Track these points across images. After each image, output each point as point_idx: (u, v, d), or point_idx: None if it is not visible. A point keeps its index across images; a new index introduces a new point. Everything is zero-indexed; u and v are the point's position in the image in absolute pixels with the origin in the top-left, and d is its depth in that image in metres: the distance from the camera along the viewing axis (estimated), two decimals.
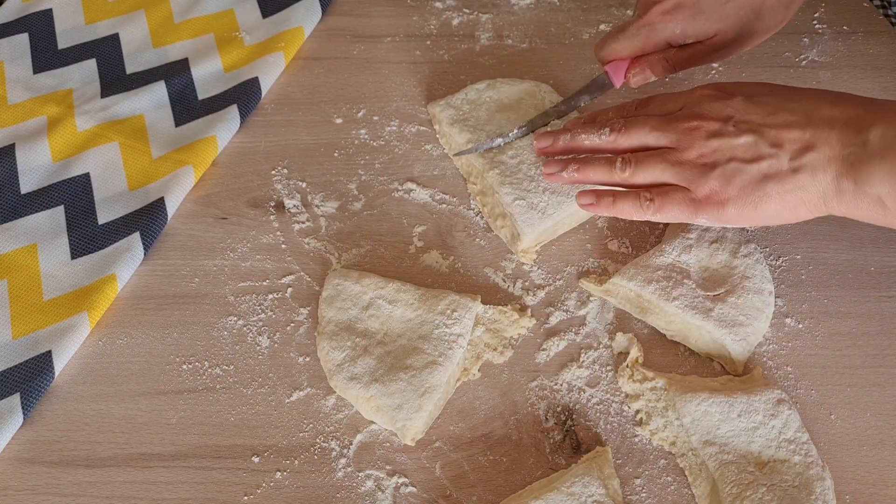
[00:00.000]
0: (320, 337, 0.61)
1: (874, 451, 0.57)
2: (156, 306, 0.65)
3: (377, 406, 0.57)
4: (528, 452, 0.58)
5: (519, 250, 0.66)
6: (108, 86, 0.78)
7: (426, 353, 0.59)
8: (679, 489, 0.56)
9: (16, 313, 0.64)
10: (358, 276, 0.63)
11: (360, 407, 0.59)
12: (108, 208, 0.70)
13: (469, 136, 0.70)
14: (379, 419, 0.58)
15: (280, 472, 0.57)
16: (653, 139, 0.59)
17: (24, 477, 0.57)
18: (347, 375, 0.59)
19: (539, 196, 0.65)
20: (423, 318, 0.61)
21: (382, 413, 0.57)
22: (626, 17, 0.82)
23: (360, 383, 0.58)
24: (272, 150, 0.74)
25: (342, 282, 0.63)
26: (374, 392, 0.58)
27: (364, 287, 0.62)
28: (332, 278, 0.63)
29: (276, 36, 0.81)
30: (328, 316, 0.62)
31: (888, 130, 0.52)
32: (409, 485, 0.57)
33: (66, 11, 0.84)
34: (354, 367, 0.59)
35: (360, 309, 0.62)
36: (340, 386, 0.59)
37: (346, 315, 0.62)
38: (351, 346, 0.60)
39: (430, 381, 0.58)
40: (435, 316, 0.61)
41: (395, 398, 0.57)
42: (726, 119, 0.56)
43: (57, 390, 0.61)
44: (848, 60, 0.78)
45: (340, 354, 0.60)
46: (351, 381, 0.58)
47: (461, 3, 0.85)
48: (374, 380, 0.58)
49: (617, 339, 0.62)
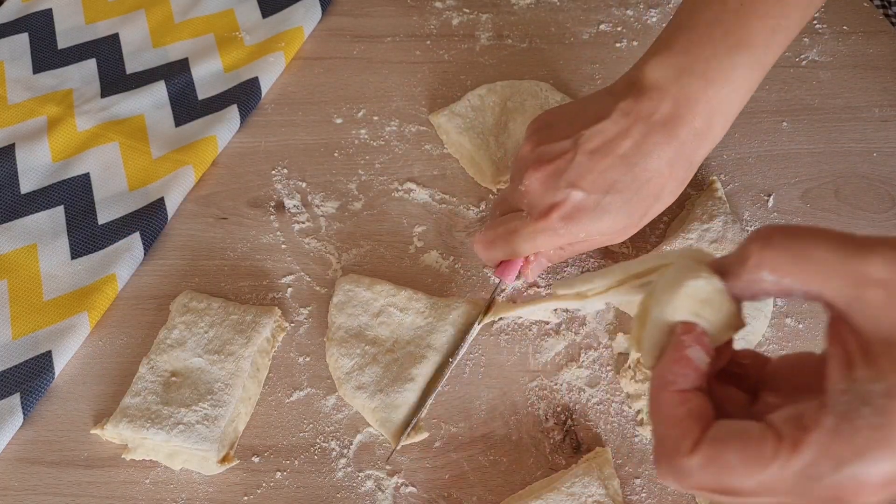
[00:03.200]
0: (330, 343, 0.61)
1: None
2: (156, 306, 0.65)
3: (381, 419, 0.57)
4: (528, 452, 0.58)
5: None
6: (108, 86, 0.78)
7: (432, 364, 0.59)
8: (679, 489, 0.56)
9: (16, 313, 0.64)
10: (369, 283, 0.62)
11: (366, 417, 0.58)
12: (108, 208, 0.70)
13: (479, 141, 0.71)
14: (384, 432, 0.58)
15: (280, 472, 0.57)
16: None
17: (24, 477, 0.57)
18: (355, 384, 0.58)
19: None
20: (433, 325, 0.61)
21: (386, 429, 0.57)
22: (625, 16, 0.82)
23: (366, 393, 0.58)
24: (272, 150, 0.74)
25: (353, 288, 0.62)
26: (378, 404, 0.57)
27: (375, 294, 0.62)
28: (343, 283, 0.63)
29: (276, 36, 0.81)
30: (338, 322, 0.61)
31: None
32: (409, 485, 0.57)
33: (66, 11, 0.84)
34: (362, 375, 0.58)
35: (370, 316, 0.61)
36: (348, 395, 0.59)
37: (357, 322, 0.61)
38: (360, 354, 0.59)
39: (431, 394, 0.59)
40: (446, 325, 0.60)
41: (399, 411, 0.57)
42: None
43: (57, 390, 0.61)
44: (848, 60, 0.79)
45: (349, 362, 0.59)
46: (358, 390, 0.58)
47: (461, 3, 0.85)
48: (379, 390, 0.58)
49: (617, 339, 0.62)
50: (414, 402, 0.58)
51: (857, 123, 0.74)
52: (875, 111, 0.75)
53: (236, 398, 0.58)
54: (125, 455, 0.57)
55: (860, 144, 0.73)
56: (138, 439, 0.56)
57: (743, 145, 0.73)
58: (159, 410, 0.56)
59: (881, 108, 0.75)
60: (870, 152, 0.72)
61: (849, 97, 0.76)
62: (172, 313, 0.62)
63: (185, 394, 0.57)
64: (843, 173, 0.71)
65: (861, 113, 0.75)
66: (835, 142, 0.73)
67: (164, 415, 0.56)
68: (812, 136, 0.74)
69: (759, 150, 0.73)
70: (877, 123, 0.74)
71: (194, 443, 0.55)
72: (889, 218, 0.68)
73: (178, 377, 0.58)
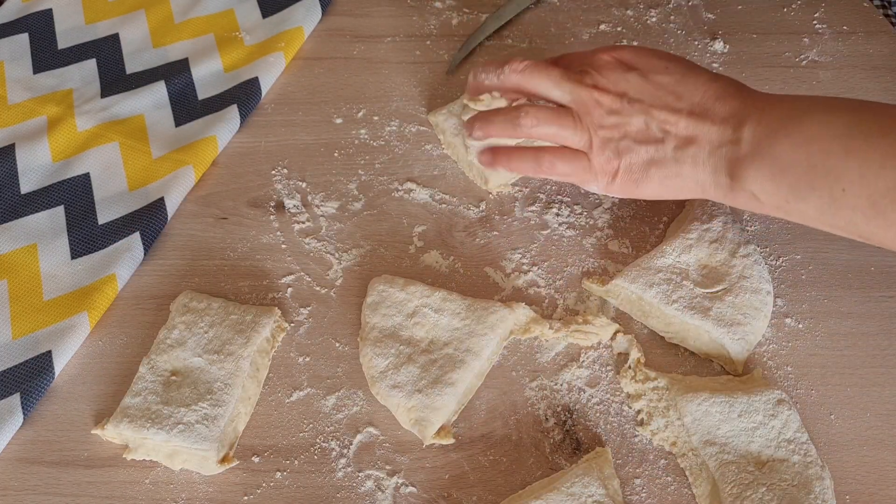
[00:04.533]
0: (363, 343, 0.61)
1: (874, 451, 0.57)
2: (156, 306, 0.65)
3: (417, 419, 0.57)
4: (528, 452, 0.58)
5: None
6: (108, 86, 0.78)
7: (472, 369, 0.59)
8: (679, 489, 0.56)
9: (16, 313, 0.64)
10: (403, 284, 0.62)
11: (398, 416, 0.58)
12: (108, 208, 0.70)
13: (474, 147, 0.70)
14: (416, 430, 0.57)
15: (280, 472, 0.57)
16: (556, 94, 0.60)
17: (24, 477, 0.57)
18: (390, 383, 0.58)
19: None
20: (472, 329, 0.60)
21: (420, 428, 0.57)
22: (625, 16, 0.82)
23: (403, 392, 0.58)
24: (272, 150, 0.74)
25: (387, 288, 0.62)
26: (416, 403, 0.57)
27: (409, 294, 0.62)
28: (376, 284, 0.63)
29: (276, 36, 0.81)
30: (372, 322, 0.61)
31: (758, 127, 0.55)
32: (409, 485, 0.57)
33: (66, 11, 0.84)
34: (398, 375, 0.58)
35: (404, 316, 0.61)
36: (382, 393, 0.58)
37: (391, 322, 0.61)
38: (395, 354, 0.59)
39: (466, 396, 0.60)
40: (485, 329, 0.60)
41: (438, 413, 0.57)
42: (621, 95, 0.59)
43: (57, 390, 0.61)
44: (848, 60, 0.78)
45: (384, 362, 0.59)
46: (394, 389, 0.58)
47: (461, 3, 0.85)
48: (417, 390, 0.58)
49: (617, 339, 0.62)
50: (453, 406, 0.58)
51: None
52: None
53: (235, 398, 0.58)
54: (126, 455, 0.57)
55: None
56: (139, 439, 0.56)
57: None
58: (159, 410, 0.56)
59: None
60: None
61: (849, 97, 0.76)
62: (172, 313, 0.62)
63: (185, 393, 0.57)
64: None
65: None
66: None
67: (164, 414, 0.56)
68: None
69: None
70: None
71: (194, 442, 0.55)
72: None
73: (177, 376, 0.58)
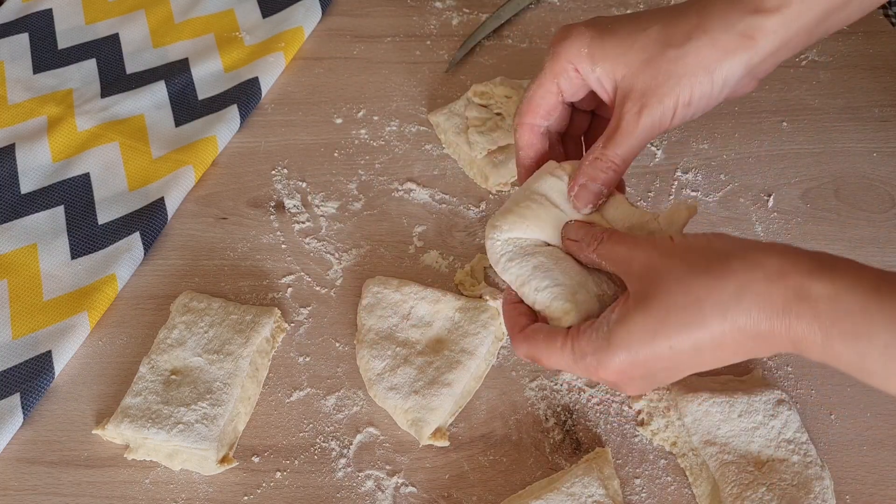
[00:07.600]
0: (360, 345, 0.60)
1: (874, 451, 0.57)
2: (156, 306, 0.65)
3: (413, 420, 0.57)
4: (528, 452, 0.58)
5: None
6: (108, 86, 0.78)
7: (468, 369, 0.59)
8: (679, 489, 0.56)
9: (16, 313, 0.64)
10: (398, 284, 0.62)
11: (396, 417, 0.58)
12: (108, 208, 0.70)
13: (477, 143, 0.70)
14: (413, 431, 0.57)
15: (280, 472, 0.57)
16: None
17: (24, 477, 0.57)
18: (387, 385, 0.58)
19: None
20: (465, 328, 0.61)
21: (416, 429, 0.57)
22: None
23: (399, 394, 0.58)
24: (272, 150, 0.74)
25: (382, 290, 0.62)
26: (412, 405, 0.57)
27: (404, 295, 0.62)
28: (371, 286, 0.63)
29: (276, 36, 0.81)
30: (368, 324, 0.61)
31: None
32: (409, 485, 0.57)
33: (66, 11, 0.84)
34: (394, 377, 0.58)
35: (400, 318, 0.61)
36: (380, 395, 0.58)
37: (387, 324, 0.61)
38: (391, 356, 0.59)
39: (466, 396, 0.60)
40: (477, 328, 0.60)
41: (435, 414, 0.57)
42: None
43: (57, 390, 0.61)
44: (848, 60, 0.79)
45: (381, 364, 0.59)
46: (390, 391, 0.58)
47: (461, 3, 0.85)
48: (414, 391, 0.58)
49: None
50: (449, 407, 0.58)
51: (857, 123, 0.74)
52: (875, 111, 0.75)
53: (235, 398, 0.58)
54: (127, 455, 0.57)
55: (860, 144, 0.73)
56: (139, 439, 0.56)
57: (743, 145, 0.73)
58: (160, 410, 0.56)
59: (881, 108, 0.75)
60: (870, 152, 0.72)
61: (849, 97, 0.76)
62: (173, 313, 0.62)
63: (185, 392, 0.57)
64: (842, 173, 0.71)
65: (861, 113, 0.75)
66: (835, 142, 0.73)
67: (164, 414, 0.56)
68: (812, 136, 0.74)
69: (759, 150, 0.73)
70: (877, 123, 0.74)
71: (193, 442, 0.55)
72: (889, 218, 0.68)
73: (177, 375, 0.58)
